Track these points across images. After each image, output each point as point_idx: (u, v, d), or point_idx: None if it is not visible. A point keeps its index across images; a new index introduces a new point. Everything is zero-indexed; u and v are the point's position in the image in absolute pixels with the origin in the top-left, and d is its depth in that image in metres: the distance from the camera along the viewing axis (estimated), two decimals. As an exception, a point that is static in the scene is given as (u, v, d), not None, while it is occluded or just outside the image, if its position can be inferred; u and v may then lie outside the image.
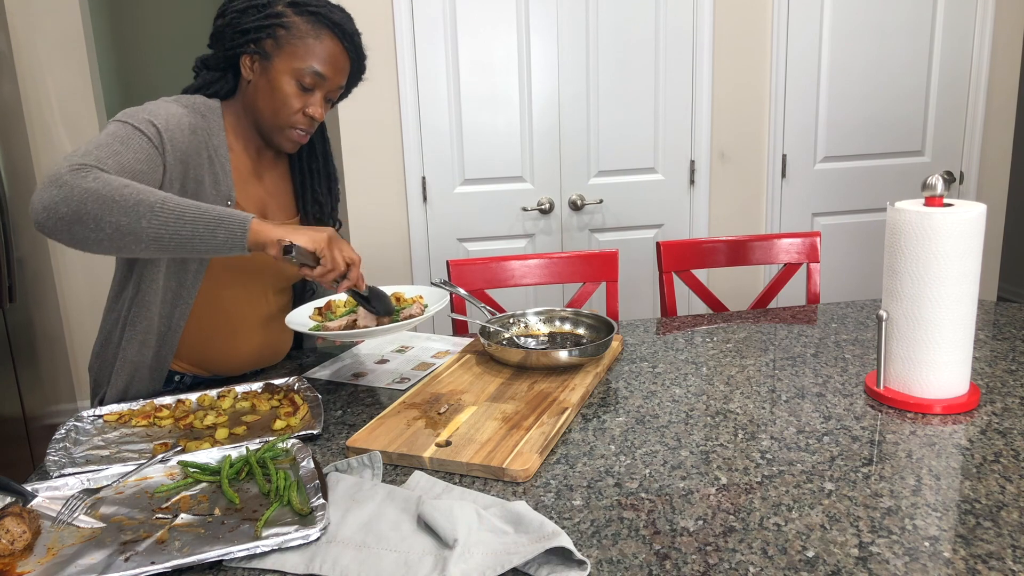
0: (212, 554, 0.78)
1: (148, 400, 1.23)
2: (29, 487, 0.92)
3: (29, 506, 0.89)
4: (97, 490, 0.94)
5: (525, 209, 2.65)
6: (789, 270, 1.97)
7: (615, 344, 1.44)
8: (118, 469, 0.98)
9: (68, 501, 0.89)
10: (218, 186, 1.25)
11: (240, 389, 1.26)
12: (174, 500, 0.91)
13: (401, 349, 1.50)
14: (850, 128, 2.79)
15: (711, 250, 1.96)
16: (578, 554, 0.77)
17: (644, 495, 0.91)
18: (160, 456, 1.00)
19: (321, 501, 0.85)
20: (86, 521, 0.87)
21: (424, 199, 2.60)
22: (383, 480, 0.96)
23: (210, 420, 1.15)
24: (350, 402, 1.25)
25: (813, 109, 2.76)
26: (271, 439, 1.05)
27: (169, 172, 1.17)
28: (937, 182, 1.10)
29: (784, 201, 2.83)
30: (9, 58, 2.68)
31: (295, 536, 0.80)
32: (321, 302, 1.38)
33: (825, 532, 0.82)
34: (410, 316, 1.26)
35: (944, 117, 2.82)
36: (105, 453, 1.06)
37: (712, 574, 0.75)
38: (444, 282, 1.54)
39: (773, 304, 2.65)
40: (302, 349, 1.58)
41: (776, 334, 1.52)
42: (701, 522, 0.85)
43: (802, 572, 0.75)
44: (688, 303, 2.84)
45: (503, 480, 0.96)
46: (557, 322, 1.50)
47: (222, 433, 1.10)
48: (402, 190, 2.59)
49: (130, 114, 1.16)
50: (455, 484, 0.95)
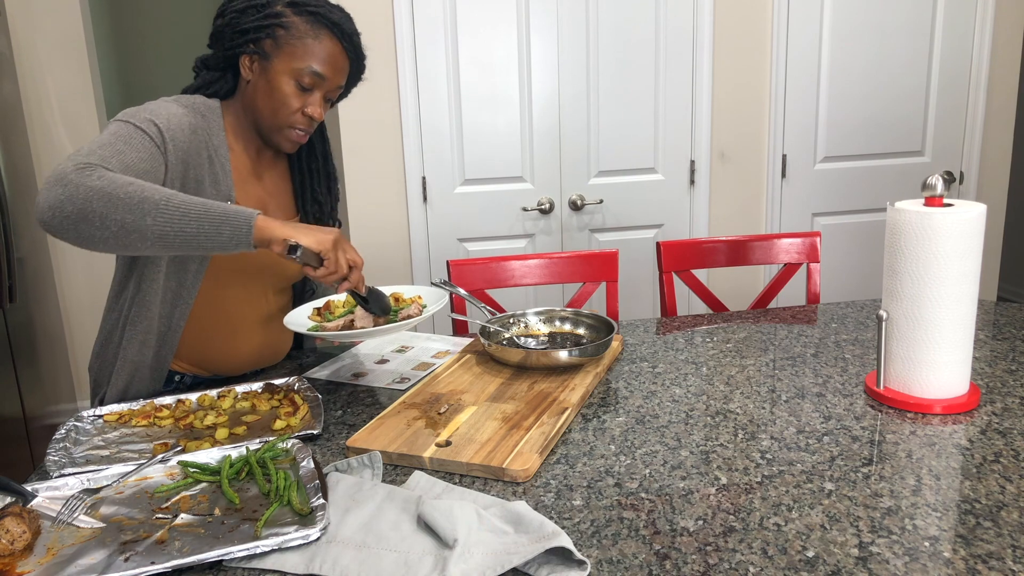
0: (212, 554, 0.78)
1: (148, 400, 1.23)
2: (29, 487, 0.92)
3: (29, 506, 0.89)
4: (97, 490, 0.94)
5: (525, 209, 2.65)
6: (789, 270, 1.97)
7: (615, 344, 1.44)
8: (118, 469, 0.98)
9: (68, 501, 0.89)
10: (218, 186, 1.25)
11: (240, 389, 1.26)
12: (174, 500, 0.91)
13: (401, 349, 1.50)
14: (850, 128, 2.79)
15: (711, 250, 1.96)
16: (578, 554, 0.77)
17: (644, 495, 0.91)
18: (160, 456, 1.00)
19: (321, 501, 0.85)
20: (86, 521, 0.87)
21: (424, 199, 2.60)
22: (383, 480, 0.96)
23: (210, 420, 1.15)
24: (350, 402, 1.25)
25: (813, 109, 2.76)
26: (271, 439, 1.05)
27: (170, 172, 1.18)
28: (937, 182, 1.10)
29: (784, 201, 2.83)
30: (9, 58, 2.68)
31: (295, 536, 0.80)
32: (320, 302, 1.38)
33: (825, 532, 0.82)
34: (408, 316, 1.26)
35: (944, 117, 2.82)
36: (105, 453, 1.06)
37: (712, 574, 0.75)
38: (444, 282, 1.54)
39: (773, 304, 2.65)
40: (302, 349, 1.58)
41: (776, 334, 1.52)
42: (701, 522, 0.85)
43: (802, 572, 0.75)
44: (688, 303, 2.84)
45: (503, 480, 0.96)
46: (557, 322, 1.50)
47: (222, 433, 1.10)
48: (402, 190, 2.59)
49: (131, 114, 1.16)
50: (455, 484, 0.95)
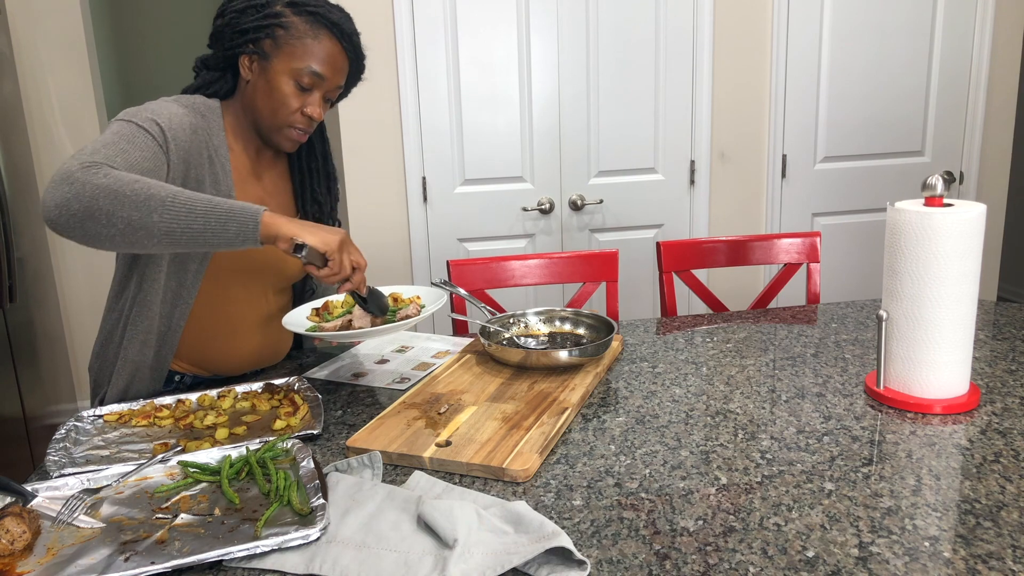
0: (212, 554, 0.78)
1: (148, 400, 1.23)
2: (29, 487, 0.92)
3: (29, 506, 0.89)
4: (97, 490, 0.94)
5: (525, 209, 2.65)
6: (789, 270, 1.97)
7: (615, 344, 1.44)
8: (118, 469, 0.98)
9: (68, 501, 0.89)
10: (218, 186, 1.25)
11: (240, 389, 1.26)
12: (174, 500, 0.91)
13: (401, 349, 1.50)
14: (850, 128, 2.79)
15: (711, 250, 1.96)
16: (578, 554, 0.77)
17: (644, 495, 0.91)
18: (160, 456, 1.00)
19: (321, 501, 0.85)
20: (86, 521, 0.87)
21: (424, 199, 2.59)
22: (383, 480, 0.96)
23: (210, 420, 1.15)
24: (350, 402, 1.25)
25: (813, 109, 2.75)
26: (271, 439, 1.05)
27: (172, 171, 1.18)
28: (937, 182, 1.10)
29: (784, 201, 2.83)
30: (10, 58, 2.68)
31: (295, 536, 0.80)
32: (319, 302, 1.38)
33: (825, 532, 0.82)
34: (406, 316, 1.26)
35: (944, 117, 2.82)
36: (105, 453, 1.06)
37: (712, 574, 0.75)
38: (444, 282, 1.54)
39: (773, 304, 2.65)
40: (302, 349, 1.58)
41: (776, 334, 1.52)
42: (701, 522, 0.85)
43: (802, 572, 0.75)
44: (688, 303, 2.84)
45: (503, 480, 0.96)
46: (557, 322, 1.50)
47: (222, 433, 1.10)
48: (402, 190, 2.59)
49: (133, 113, 1.16)
50: (455, 484, 0.95)
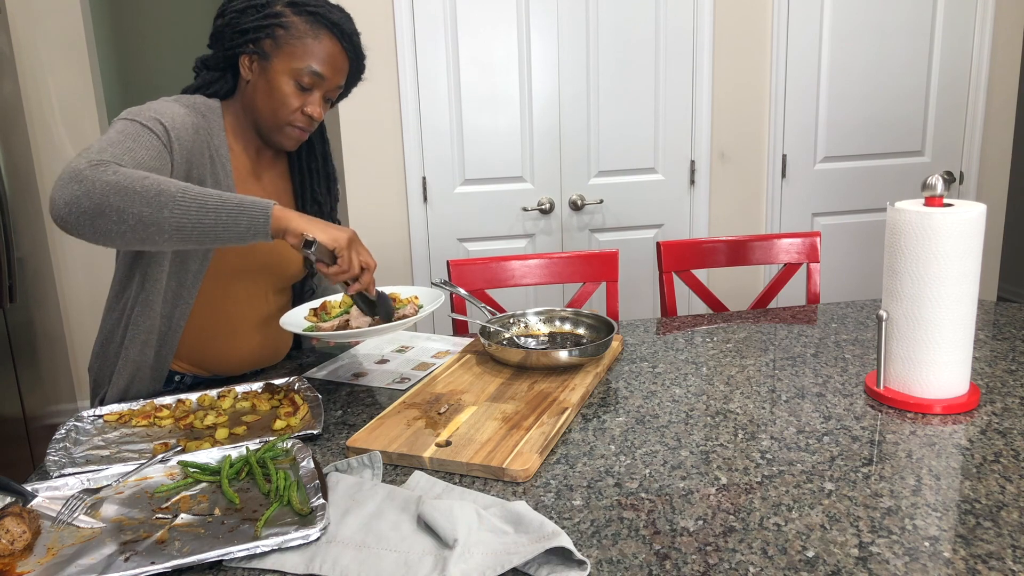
0: (212, 554, 0.78)
1: (148, 400, 1.23)
2: (29, 487, 0.92)
3: (29, 506, 0.89)
4: (97, 490, 0.94)
5: (525, 209, 2.65)
6: (789, 270, 1.97)
7: (615, 344, 1.44)
8: (118, 469, 0.98)
9: (68, 501, 0.89)
10: (219, 186, 1.25)
11: (240, 389, 1.26)
12: (174, 500, 0.91)
13: (401, 349, 1.50)
14: (850, 128, 2.79)
15: (711, 250, 1.96)
16: (578, 554, 0.77)
17: (644, 495, 0.91)
18: (160, 456, 1.00)
19: (321, 501, 0.85)
20: (86, 521, 0.87)
21: (424, 199, 2.60)
22: (383, 480, 0.96)
23: (210, 420, 1.15)
24: (350, 402, 1.25)
25: (813, 109, 2.75)
26: (271, 439, 1.05)
27: (175, 171, 1.18)
28: (937, 182, 1.10)
29: (784, 201, 2.83)
30: (10, 58, 2.68)
31: (295, 536, 0.80)
32: (317, 303, 1.38)
33: (825, 532, 0.82)
34: (404, 317, 1.26)
35: (944, 117, 2.82)
36: (105, 453, 1.06)
37: (712, 574, 0.75)
38: (444, 282, 1.54)
39: (773, 304, 2.65)
40: (302, 349, 1.58)
41: (776, 334, 1.52)
42: (701, 522, 0.85)
43: (802, 572, 0.75)
44: (688, 303, 2.84)
45: (503, 480, 0.96)
46: (557, 322, 1.50)
47: (222, 433, 1.10)
48: (402, 190, 2.59)
49: (136, 113, 1.16)
50: (455, 484, 0.95)
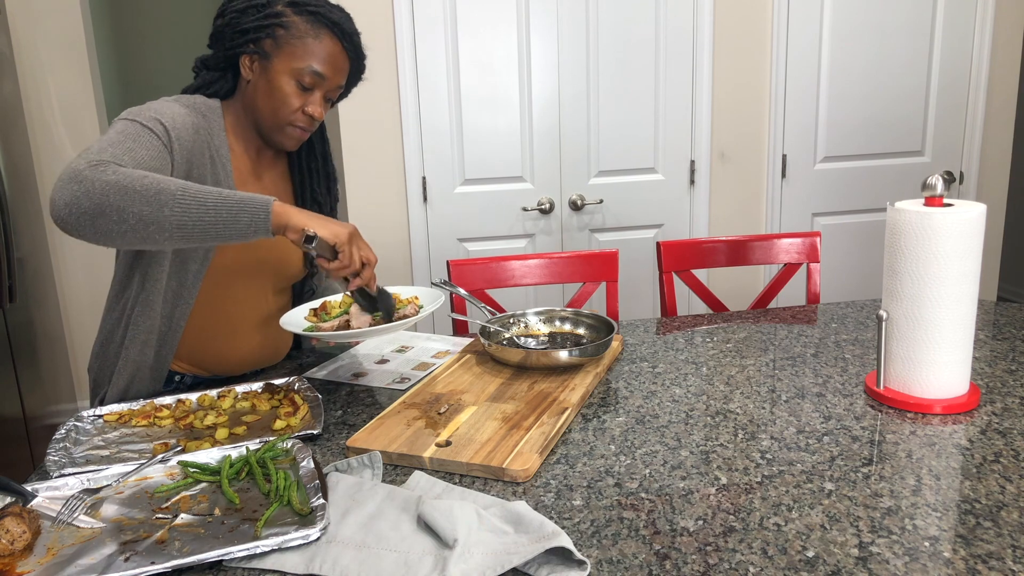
0: (212, 554, 0.78)
1: (148, 400, 1.23)
2: (29, 487, 0.92)
3: (29, 506, 0.89)
4: (97, 490, 0.94)
5: (525, 209, 2.65)
6: (789, 270, 1.97)
7: (615, 344, 1.44)
8: (118, 469, 0.98)
9: (68, 501, 0.89)
10: (219, 186, 1.25)
11: (240, 389, 1.26)
12: (174, 500, 0.91)
13: (401, 349, 1.50)
14: (850, 128, 2.79)
15: (711, 250, 1.96)
16: (578, 554, 0.77)
17: (644, 495, 0.91)
18: (160, 456, 1.00)
19: (321, 501, 0.85)
20: (86, 521, 0.87)
21: (424, 199, 2.60)
22: (383, 480, 0.96)
23: (210, 420, 1.15)
24: (350, 402, 1.25)
25: (813, 109, 2.76)
26: (271, 439, 1.05)
27: (176, 171, 1.18)
28: (937, 182, 1.10)
29: (784, 201, 2.83)
30: (10, 58, 2.68)
31: (295, 536, 0.80)
32: (317, 303, 1.38)
33: (825, 532, 0.82)
34: (404, 317, 1.26)
35: (944, 117, 2.82)
36: (105, 453, 1.06)
37: (712, 574, 0.75)
38: (444, 282, 1.54)
39: (773, 304, 2.65)
40: (302, 349, 1.58)
41: (776, 334, 1.52)
42: (701, 522, 0.85)
43: (802, 572, 0.75)
44: (688, 303, 2.84)
45: (503, 480, 0.96)
46: (557, 322, 1.50)
47: (222, 433, 1.10)
48: (402, 190, 2.59)
49: (136, 113, 1.16)
50: (455, 484, 0.95)
